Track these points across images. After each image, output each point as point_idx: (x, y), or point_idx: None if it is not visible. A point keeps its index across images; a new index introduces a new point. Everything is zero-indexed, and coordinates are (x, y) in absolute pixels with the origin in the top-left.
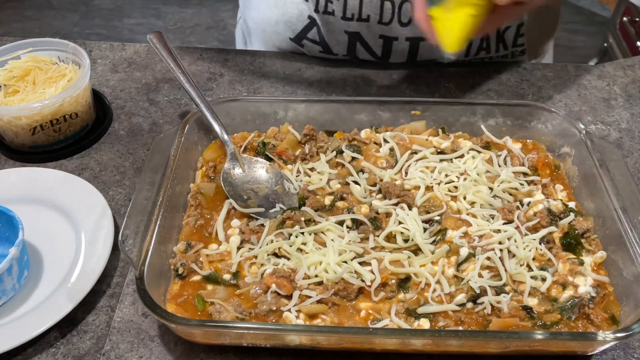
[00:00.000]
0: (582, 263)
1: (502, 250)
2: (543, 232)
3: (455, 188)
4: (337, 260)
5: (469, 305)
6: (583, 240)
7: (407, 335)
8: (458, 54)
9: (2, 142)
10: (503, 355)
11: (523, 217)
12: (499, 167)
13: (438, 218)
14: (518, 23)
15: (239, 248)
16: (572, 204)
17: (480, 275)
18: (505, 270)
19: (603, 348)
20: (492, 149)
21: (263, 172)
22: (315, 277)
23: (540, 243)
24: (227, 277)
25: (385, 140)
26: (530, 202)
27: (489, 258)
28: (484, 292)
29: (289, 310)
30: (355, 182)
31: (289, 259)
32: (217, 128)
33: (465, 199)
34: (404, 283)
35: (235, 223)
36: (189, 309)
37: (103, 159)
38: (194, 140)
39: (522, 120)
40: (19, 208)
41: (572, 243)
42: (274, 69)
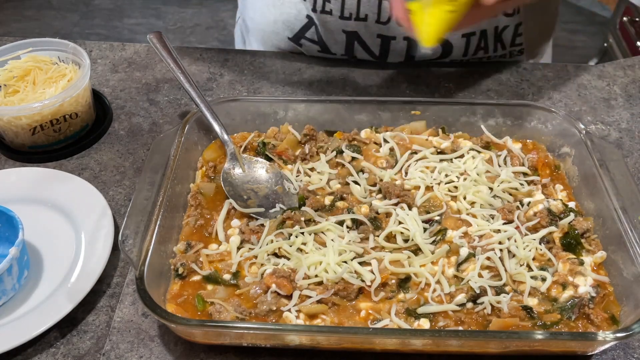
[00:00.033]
0: (582, 263)
1: (502, 250)
2: (543, 232)
3: (455, 188)
4: (337, 260)
5: (469, 305)
6: (583, 240)
7: (407, 335)
8: (435, 49)
9: (2, 142)
10: (503, 355)
11: (523, 217)
12: (499, 167)
13: (438, 218)
14: (516, 23)
15: (239, 248)
16: (572, 204)
17: (480, 275)
18: (505, 270)
19: (603, 348)
20: (492, 149)
21: (263, 172)
22: (315, 277)
23: (540, 243)
24: (227, 277)
25: (385, 140)
26: (530, 202)
27: (489, 258)
28: (484, 292)
29: (289, 310)
30: (355, 182)
31: (289, 259)
32: (217, 128)
33: (465, 199)
34: (404, 283)
35: (235, 223)
36: (189, 309)
37: (103, 159)
38: (194, 140)
39: (522, 120)
40: (19, 208)
41: (572, 243)
42: (274, 69)
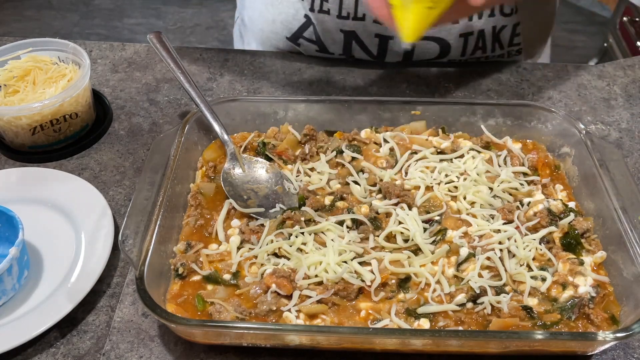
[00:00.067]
0: (582, 263)
1: (502, 250)
2: (543, 232)
3: (455, 188)
4: (337, 260)
5: (469, 305)
6: (583, 240)
7: (407, 335)
8: (415, 44)
9: (2, 142)
10: (503, 355)
11: (523, 217)
12: (499, 167)
13: (438, 218)
14: (514, 23)
15: (239, 248)
16: (572, 204)
17: (480, 275)
18: (505, 270)
19: (603, 348)
20: (492, 149)
21: (263, 172)
22: (315, 277)
23: (540, 243)
24: (227, 277)
25: (385, 140)
26: (530, 202)
27: (489, 258)
28: (484, 292)
29: (289, 310)
30: (355, 182)
31: (289, 259)
32: (217, 128)
33: (465, 199)
34: (404, 283)
35: (235, 223)
36: (189, 309)
37: (103, 159)
38: (194, 140)
39: (522, 120)
40: (19, 208)
41: (572, 243)
42: (274, 69)
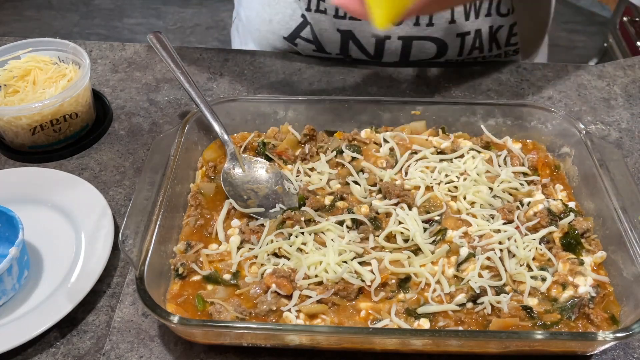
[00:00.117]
0: (582, 263)
1: (502, 250)
2: (543, 232)
3: (455, 188)
4: (337, 260)
5: (469, 305)
6: (583, 240)
7: (407, 335)
8: (389, 31)
9: (2, 142)
10: (503, 355)
11: (523, 217)
12: (499, 167)
13: (438, 218)
14: (511, 23)
15: (239, 248)
16: (572, 204)
17: (480, 275)
18: (505, 270)
19: (603, 348)
20: (492, 149)
21: (263, 172)
22: (315, 277)
23: (540, 243)
24: (227, 277)
25: (385, 140)
26: (530, 202)
27: (489, 258)
28: (484, 292)
29: (289, 310)
30: (355, 182)
31: (289, 259)
32: (217, 128)
33: (465, 199)
34: (404, 283)
35: (235, 223)
36: (189, 309)
37: (103, 159)
38: (194, 140)
39: (522, 120)
40: (19, 208)
41: (572, 243)
42: (274, 69)
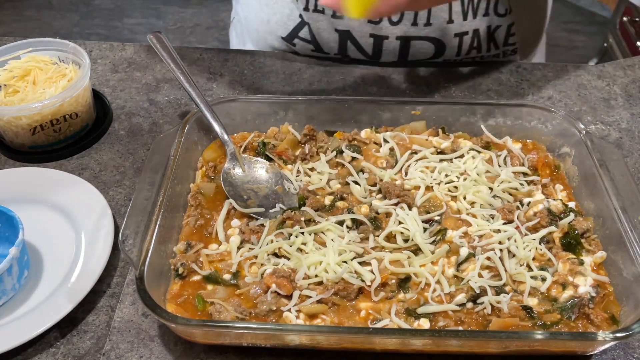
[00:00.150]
0: (582, 263)
1: (502, 250)
2: (543, 232)
3: (455, 188)
4: (337, 260)
5: (469, 305)
6: (583, 240)
7: (407, 335)
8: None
9: (2, 142)
10: (503, 355)
11: (523, 217)
12: (499, 167)
13: (438, 218)
14: (508, 23)
15: (239, 248)
16: (572, 204)
17: (480, 275)
18: (505, 270)
19: (603, 348)
20: (492, 149)
21: (263, 172)
22: (315, 277)
23: (540, 243)
24: (227, 277)
25: (385, 140)
26: (530, 202)
27: (489, 258)
28: (484, 292)
29: (289, 310)
30: (355, 182)
31: (289, 259)
32: (217, 128)
33: (465, 199)
34: (404, 283)
35: (235, 223)
36: (189, 309)
37: (103, 159)
38: (194, 140)
39: (522, 120)
40: (19, 208)
41: (572, 243)
42: (274, 69)
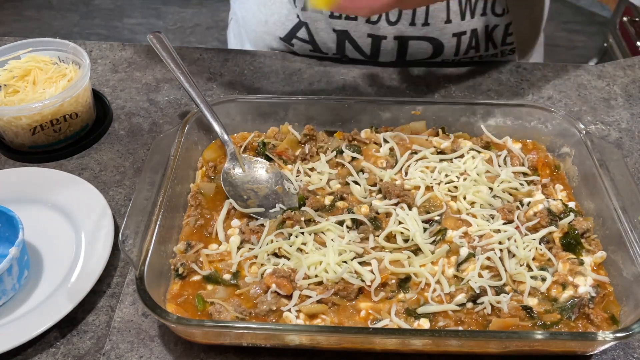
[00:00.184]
0: (582, 263)
1: (502, 250)
2: (543, 232)
3: (455, 188)
4: (337, 260)
5: (469, 305)
6: (583, 240)
7: (407, 335)
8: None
9: (2, 142)
10: (503, 355)
11: (523, 217)
12: (499, 167)
13: (438, 218)
14: (506, 23)
15: (239, 248)
16: (572, 204)
17: (480, 275)
18: (505, 270)
19: (603, 348)
20: (492, 149)
21: (263, 172)
22: (315, 277)
23: (540, 243)
24: (227, 277)
25: (385, 140)
26: (530, 202)
27: (489, 258)
28: (484, 292)
29: (289, 310)
30: (355, 182)
31: (289, 259)
32: (217, 128)
33: (465, 199)
34: (404, 283)
35: (235, 223)
36: (189, 309)
37: (103, 159)
38: (194, 140)
39: (522, 120)
40: (19, 208)
41: (572, 243)
42: (274, 69)
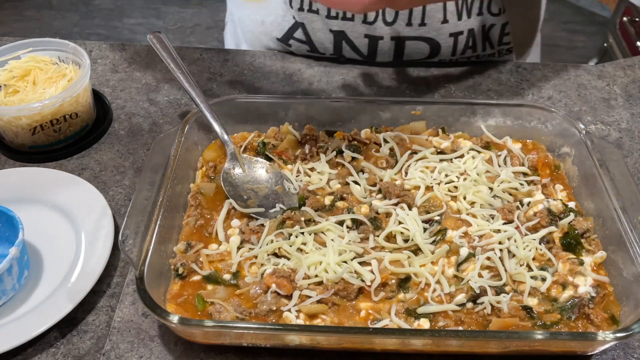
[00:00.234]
0: (582, 263)
1: (502, 250)
2: (543, 232)
3: (455, 188)
4: (337, 260)
5: (469, 305)
6: (583, 240)
7: (407, 335)
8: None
9: (2, 142)
10: (503, 355)
11: (523, 217)
12: (499, 167)
13: (438, 218)
14: (503, 22)
15: (239, 248)
16: (572, 204)
17: (480, 275)
18: (505, 270)
19: (603, 348)
20: (492, 149)
21: (263, 172)
22: (315, 277)
23: (540, 243)
24: (227, 277)
25: (385, 140)
26: (530, 202)
27: (489, 258)
28: (484, 292)
29: (289, 310)
30: (355, 182)
31: (289, 259)
32: (217, 128)
33: (465, 199)
34: (404, 283)
35: (235, 223)
36: (189, 309)
37: (103, 159)
38: (194, 140)
39: (522, 120)
40: (19, 208)
41: (572, 243)
42: (274, 69)
